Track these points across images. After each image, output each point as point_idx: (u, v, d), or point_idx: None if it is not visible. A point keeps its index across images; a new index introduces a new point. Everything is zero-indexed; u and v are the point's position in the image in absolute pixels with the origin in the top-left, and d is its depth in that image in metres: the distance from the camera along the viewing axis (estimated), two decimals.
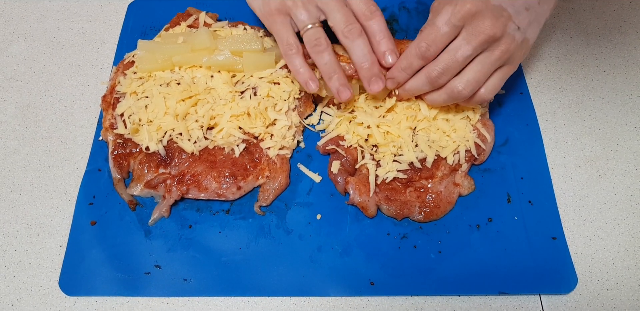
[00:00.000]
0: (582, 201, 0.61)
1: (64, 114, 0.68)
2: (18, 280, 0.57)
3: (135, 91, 0.62)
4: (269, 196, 0.59)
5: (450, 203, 0.58)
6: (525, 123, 0.65)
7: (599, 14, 0.77)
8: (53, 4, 0.79)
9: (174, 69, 0.64)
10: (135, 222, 0.59)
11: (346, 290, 0.55)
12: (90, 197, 0.60)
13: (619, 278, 0.57)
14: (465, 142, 0.60)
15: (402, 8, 0.75)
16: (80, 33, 0.76)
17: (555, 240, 0.58)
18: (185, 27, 0.68)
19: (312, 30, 0.55)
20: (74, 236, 0.58)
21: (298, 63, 0.57)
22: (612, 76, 0.71)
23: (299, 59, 0.57)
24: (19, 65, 0.73)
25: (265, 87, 0.62)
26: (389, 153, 0.59)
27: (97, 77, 0.71)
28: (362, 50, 0.55)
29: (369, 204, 0.57)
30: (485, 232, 0.58)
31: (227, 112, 0.61)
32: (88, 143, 0.65)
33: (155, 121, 0.60)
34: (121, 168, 0.60)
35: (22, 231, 0.60)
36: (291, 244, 0.58)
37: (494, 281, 0.55)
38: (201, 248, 0.57)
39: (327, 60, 0.56)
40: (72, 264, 0.57)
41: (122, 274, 0.56)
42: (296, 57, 0.57)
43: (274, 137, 0.61)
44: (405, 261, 0.57)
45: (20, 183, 0.63)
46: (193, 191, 0.59)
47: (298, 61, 0.57)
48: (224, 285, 0.55)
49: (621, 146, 0.65)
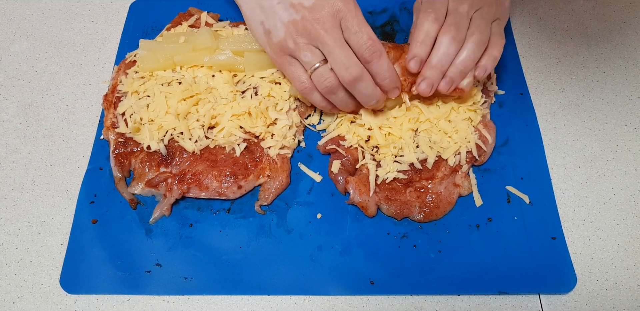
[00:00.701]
0: (582, 202, 0.62)
1: (65, 113, 0.68)
2: (19, 278, 0.57)
3: (136, 90, 0.63)
4: (269, 195, 0.60)
5: (450, 203, 0.59)
6: (525, 124, 0.66)
7: (599, 15, 0.77)
8: (55, 3, 0.79)
9: (175, 69, 0.64)
10: (136, 221, 0.59)
11: (346, 289, 0.55)
12: (91, 195, 0.61)
13: (618, 278, 0.57)
14: (466, 144, 0.60)
15: (403, 8, 0.75)
16: (82, 32, 0.76)
17: (555, 240, 0.58)
18: (187, 27, 0.69)
19: (320, 69, 0.53)
20: (75, 235, 0.58)
21: (315, 98, 0.57)
22: (612, 77, 0.71)
23: (315, 93, 0.57)
24: (21, 64, 0.73)
25: (266, 86, 0.63)
26: (390, 154, 0.59)
27: (99, 77, 0.72)
28: (364, 93, 0.55)
29: (369, 204, 0.58)
30: (485, 232, 0.58)
31: (228, 111, 0.61)
32: (89, 142, 0.66)
33: (157, 120, 0.60)
34: (122, 166, 0.61)
35: (24, 229, 0.60)
36: (291, 243, 0.58)
37: (494, 280, 0.55)
38: (202, 246, 0.58)
39: (340, 97, 0.56)
40: (73, 262, 0.57)
41: (123, 272, 0.56)
42: (312, 92, 0.56)
43: (275, 136, 0.61)
44: (405, 260, 0.57)
45: (21, 181, 0.63)
46: (194, 190, 0.59)
47: (315, 96, 0.57)
48: (224, 283, 0.56)
49: (621, 146, 0.65)
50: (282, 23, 0.53)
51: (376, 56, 0.52)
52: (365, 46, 0.52)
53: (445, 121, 0.60)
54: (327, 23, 0.52)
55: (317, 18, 0.52)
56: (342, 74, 0.52)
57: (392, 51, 0.57)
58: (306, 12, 0.52)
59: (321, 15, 0.52)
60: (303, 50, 0.53)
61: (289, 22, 0.53)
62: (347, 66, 0.52)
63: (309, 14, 0.52)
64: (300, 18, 0.52)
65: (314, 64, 0.53)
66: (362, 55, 0.52)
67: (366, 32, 0.52)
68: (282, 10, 0.53)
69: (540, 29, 0.76)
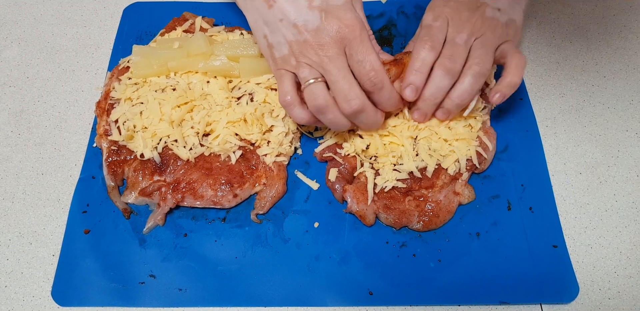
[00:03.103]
0: (583, 209, 0.61)
1: (57, 120, 0.67)
2: (10, 290, 0.56)
3: (130, 97, 0.62)
4: (265, 203, 0.58)
5: (449, 212, 0.58)
6: (525, 129, 0.65)
7: (599, 19, 0.76)
8: (47, 8, 0.78)
9: (169, 75, 0.63)
10: (129, 230, 0.58)
11: (344, 299, 0.54)
12: (83, 205, 0.59)
13: (621, 287, 0.56)
14: (466, 152, 0.59)
15: (401, 13, 0.75)
16: (74, 38, 0.75)
17: (556, 248, 0.57)
18: (181, 32, 0.68)
19: (313, 86, 0.51)
20: (67, 245, 0.57)
21: (296, 113, 0.53)
22: (613, 82, 0.70)
23: (295, 108, 0.53)
24: (12, 70, 0.72)
25: (262, 93, 0.62)
26: (389, 163, 0.58)
27: (92, 83, 0.70)
28: (366, 122, 0.54)
29: (367, 213, 0.57)
30: (485, 240, 0.57)
31: (223, 118, 0.60)
32: (82, 150, 0.64)
33: (150, 127, 0.59)
34: (115, 175, 0.59)
35: (14, 239, 0.59)
36: (288, 253, 0.57)
37: (495, 290, 0.55)
38: (196, 257, 0.56)
39: (330, 118, 0.53)
40: (65, 273, 0.56)
41: (116, 284, 0.55)
42: (292, 107, 0.53)
43: (271, 143, 0.60)
44: (404, 270, 0.56)
45: (12, 190, 0.62)
46: (188, 198, 0.58)
47: (295, 111, 0.53)
48: (219, 294, 0.54)
49: (622, 152, 0.64)
50: (285, 41, 0.52)
51: (377, 88, 0.51)
52: (366, 77, 0.50)
53: (445, 127, 0.59)
54: (331, 50, 0.50)
55: (321, 44, 0.50)
56: (344, 106, 0.51)
57: (393, 68, 0.56)
58: (310, 36, 0.50)
59: (326, 42, 0.50)
60: (302, 67, 0.51)
61: (293, 42, 0.51)
62: (349, 98, 0.50)
63: (313, 38, 0.50)
64: (304, 41, 0.50)
65: (308, 79, 0.51)
66: (364, 85, 0.51)
67: (369, 62, 0.50)
68: (285, 28, 0.51)
69: (539, 33, 0.75)
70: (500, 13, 0.57)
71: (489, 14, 0.57)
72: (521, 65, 0.56)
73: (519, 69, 0.56)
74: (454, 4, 0.57)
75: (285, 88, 0.53)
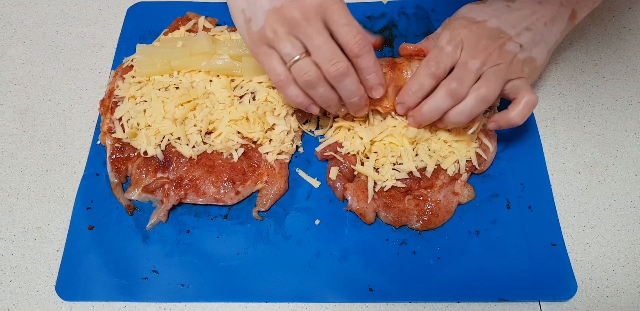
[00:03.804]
0: (582, 208, 0.61)
1: (62, 118, 0.68)
2: (14, 285, 0.57)
3: (133, 95, 0.62)
4: (267, 201, 0.59)
5: (449, 211, 0.58)
6: (525, 129, 0.65)
7: (598, 20, 0.76)
8: (52, 7, 0.79)
9: (172, 74, 0.64)
10: (132, 227, 0.59)
11: (344, 296, 0.55)
12: (87, 201, 0.60)
13: (618, 285, 0.57)
14: (466, 153, 0.59)
15: (402, 13, 0.75)
16: (79, 37, 0.76)
17: (555, 247, 0.57)
18: (184, 32, 0.68)
19: (300, 62, 0.50)
20: (71, 241, 0.58)
21: (291, 92, 0.53)
22: (612, 82, 0.71)
23: (290, 87, 0.52)
24: (17, 69, 0.72)
25: (264, 91, 0.62)
26: (388, 162, 0.59)
27: (96, 81, 0.71)
28: (349, 88, 0.52)
29: (367, 211, 0.57)
30: (484, 238, 0.58)
31: (226, 116, 0.60)
32: (86, 147, 0.65)
33: (154, 125, 0.60)
34: (119, 172, 0.60)
35: (19, 235, 0.60)
36: (289, 249, 0.57)
37: (494, 287, 0.55)
38: (199, 253, 0.57)
39: (321, 93, 0.52)
40: (69, 269, 0.56)
41: (119, 279, 0.56)
42: (287, 86, 0.52)
43: (273, 142, 0.61)
44: (404, 267, 0.56)
45: (17, 187, 0.63)
46: (191, 195, 0.58)
47: (290, 90, 0.53)
48: (221, 290, 0.55)
49: (621, 152, 0.65)
50: (262, 11, 0.50)
51: (365, 51, 0.50)
52: (354, 40, 0.49)
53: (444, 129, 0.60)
54: (310, 13, 0.48)
55: (299, 6, 0.48)
56: (328, 68, 0.50)
57: (389, 73, 0.56)
58: (288, 2, 0.49)
59: (304, 4, 0.48)
60: (282, 40, 0.50)
61: (270, 10, 0.50)
62: (334, 61, 0.49)
63: (291, 1, 0.49)
64: (281, 6, 0.49)
65: (293, 56, 0.50)
66: (351, 49, 0.50)
67: (355, 26, 0.49)
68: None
69: None
70: (521, 49, 0.55)
71: (509, 47, 0.54)
72: (530, 104, 0.54)
73: (526, 107, 0.54)
74: (475, 28, 0.55)
75: (274, 67, 0.52)
